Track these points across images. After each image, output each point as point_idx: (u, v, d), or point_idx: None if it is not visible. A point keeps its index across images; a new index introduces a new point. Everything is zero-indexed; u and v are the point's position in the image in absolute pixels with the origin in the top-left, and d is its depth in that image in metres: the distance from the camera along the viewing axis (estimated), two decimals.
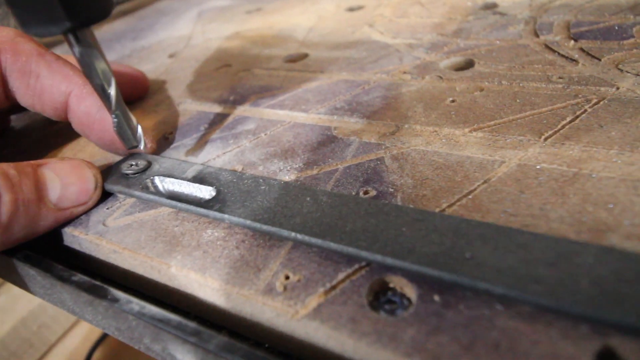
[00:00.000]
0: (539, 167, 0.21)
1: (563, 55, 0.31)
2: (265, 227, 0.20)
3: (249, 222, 0.20)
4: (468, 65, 0.32)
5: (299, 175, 0.24)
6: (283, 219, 0.20)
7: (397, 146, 0.25)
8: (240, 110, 0.32)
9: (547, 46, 0.32)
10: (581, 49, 0.31)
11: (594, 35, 0.33)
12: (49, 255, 0.24)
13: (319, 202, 0.20)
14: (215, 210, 0.21)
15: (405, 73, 0.33)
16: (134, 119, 0.23)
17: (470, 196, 0.20)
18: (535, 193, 0.20)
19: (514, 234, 0.17)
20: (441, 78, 0.31)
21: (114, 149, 0.26)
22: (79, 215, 0.24)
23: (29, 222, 0.21)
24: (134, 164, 0.26)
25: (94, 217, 0.24)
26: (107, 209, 0.24)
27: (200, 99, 0.35)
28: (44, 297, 0.24)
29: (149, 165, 0.26)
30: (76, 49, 0.19)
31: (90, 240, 0.23)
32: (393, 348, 0.15)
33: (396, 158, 0.24)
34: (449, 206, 0.20)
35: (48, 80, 0.26)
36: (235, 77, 0.38)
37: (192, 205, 0.22)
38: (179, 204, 0.22)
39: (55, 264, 0.22)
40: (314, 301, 0.17)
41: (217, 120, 0.31)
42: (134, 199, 0.24)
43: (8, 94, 0.27)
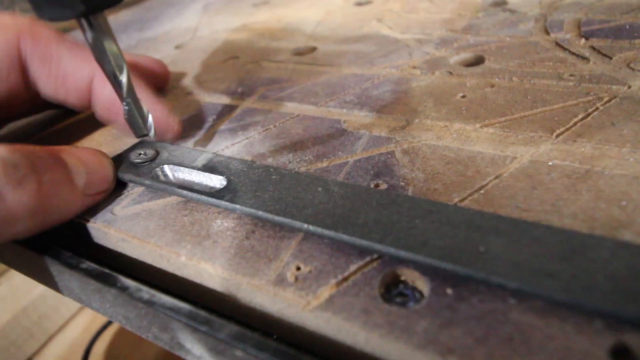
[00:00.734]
0: (551, 164, 0.21)
1: (574, 53, 0.31)
2: (277, 219, 0.20)
3: (261, 213, 0.20)
4: (478, 61, 0.32)
5: (308, 168, 0.24)
6: (295, 210, 0.20)
7: (408, 140, 0.25)
8: (249, 102, 0.32)
9: (558, 44, 0.32)
10: (592, 47, 0.31)
11: (605, 34, 0.32)
12: (57, 243, 0.24)
13: (331, 193, 0.20)
14: (227, 201, 0.21)
15: (414, 68, 0.32)
16: (145, 107, 0.23)
17: (482, 191, 0.20)
18: (547, 189, 0.20)
19: (528, 227, 0.17)
20: (451, 74, 0.31)
21: None
22: (97, 202, 0.23)
23: (60, 207, 0.21)
24: (142, 152, 0.25)
25: (102, 206, 0.24)
26: (116, 197, 0.24)
27: (208, 91, 0.35)
28: (51, 285, 0.24)
29: (158, 154, 0.26)
30: (89, 34, 0.19)
31: (99, 229, 0.23)
32: (406, 340, 0.15)
33: (407, 152, 0.24)
34: (461, 200, 0.20)
35: (70, 64, 0.26)
36: (243, 70, 0.38)
37: (203, 195, 0.22)
38: (190, 194, 0.22)
39: (63, 251, 0.22)
40: (325, 292, 0.17)
41: (226, 112, 0.31)
42: (142, 187, 0.24)
43: (28, 83, 0.27)
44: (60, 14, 0.18)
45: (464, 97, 0.28)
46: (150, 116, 0.24)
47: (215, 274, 0.19)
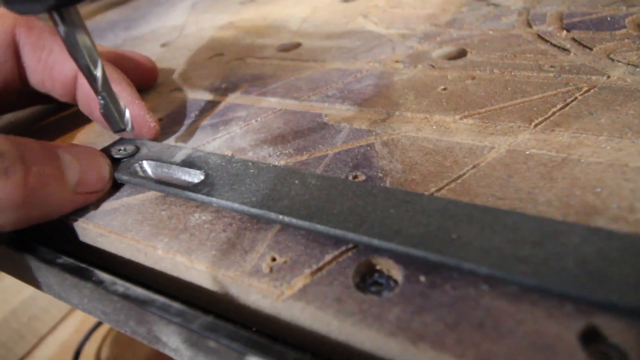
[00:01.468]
0: (528, 153, 0.21)
1: (555, 45, 0.31)
2: (252, 210, 0.19)
3: (237, 206, 0.20)
4: (460, 54, 0.32)
5: (288, 161, 0.24)
6: (271, 202, 0.19)
7: (388, 132, 0.25)
8: (232, 98, 0.32)
9: (540, 36, 0.32)
10: (573, 39, 0.31)
11: (587, 26, 0.33)
12: (36, 239, 0.24)
13: (308, 185, 0.20)
14: (203, 194, 0.21)
15: (397, 62, 0.32)
16: (122, 102, 0.23)
17: (459, 181, 0.20)
18: (523, 177, 0.20)
19: (501, 215, 0.17)
20: (433, 67, 0.31)
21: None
22: (90, 203, 0.23)
23: (47, 201, 0.20)
24: (122, 148, 0.25)
25: None
26: None
27: (191, 87, 0.35)
28: (33, 283, 0.24)
29: (138, 149, 0.25)
30: (61, 28, 0.19)
31: (77, 224, 0.22)
32: (377, 327, 0.15)
33: (386, 144, 0.24)
34: (438, 190, 0.20)
35: (60, 54, 0.26)
36: (228, 66, 0.38)
37: (180, 189, 0.22)
38: (167, 188, 0.22)
39: (40, 247, 0.22)
40: (299, 282, 0.17)
41: (208, 108, 0.31)
42: (122, 183, 0.24)
43: (21, 70, 0.27)
44: (30, 7, 0.18)
45: (444, 90, 0.28)
46: (127, 111, 0.23)
47: (191, 266, 0.19)
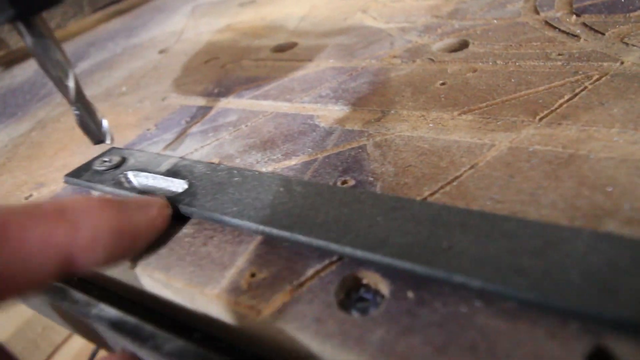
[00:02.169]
0: (531, 150, 0.19)
1: (564, 32, 0.29)
2: (233, 221, 0.18)
3: (217, 216, 0.19)
4: (462, 46, 0.31)
5: (275, 167, 0.23)
6: (252, 212, 0.18)
7: (381, 133, 0.23)
8: (224, 103, 0.31)
9: (548, 23, 0.30)
10: (584, 24, 0.29)
11: (598, 9, 0.30)
12: None
13: (292, 193, 0.19)
14: (184, 204, 0.20)
15: (395, 57, 0.31)
16: (99, 113, 0.22)
17: (455, 183, 0.19)
18: (526, 177, 0.18)
19: (498, 221, 0.15)
20: (433, 60, 0.29)
21: None
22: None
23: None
24: (107, 160, 0.24)
25: None
26: None
27: (185, 93, 0.34)
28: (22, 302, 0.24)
29: (124, 160, 0.25)
30: (28, 39, 0.18)
31: None
32: (359, 351, 0.13)
33: (379, 145, 0.22)
34: (432, 194, 0.18)
35: None
36: (222, 70, 0.37)
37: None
38: None
39: None
40: (278, 300, 0.15)
41: (199, 114, 0.30)
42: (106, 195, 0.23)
43: None
44: None
45: (443, 85, 0.26)
46: (105, 122, 0.23)
47: (169, 283, 0.18)
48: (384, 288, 0.15)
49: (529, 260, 0.14)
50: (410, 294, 0.14)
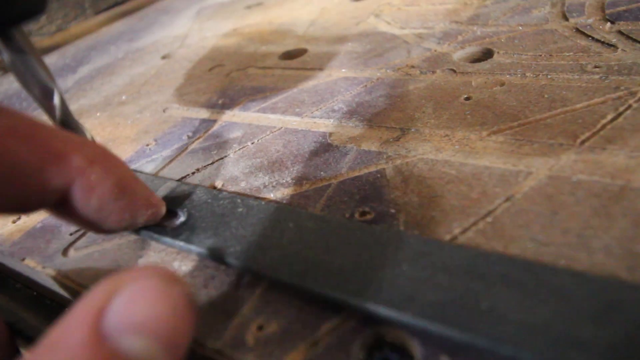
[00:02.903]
0: (575, 180, 0.17)
1: (598, 40, 0.26)
2: (237, 263, 0.16)
3: (219, 256, 0.17)
4: (486, 55, 0.28)
5: (285, 193, 0.20)
6: (258, 253, 0.16)
7: (402, 155, 0.21)
8: (229, 116, 0.29)
9: (579, 30, 0.28)
10: (620, 32, 0.27)
11: (635, 16, 0.28)
12: (13, 287, 0.21)
13: (303, 230, 0.17)
14: (183, 240, 0.18)
15: (413, 67, 0.29)
16: (88, 132, 0.20)
17: (489, 218, 0.16)
18: (571, 214, 0.16)
19: (546, 273, 0.13)
20: (454, 72, 0.27)
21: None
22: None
23: None
24: None
25: (55, 245, 0.21)
26: (70, 234, 0.21)
27: (187, 104, 0.32)
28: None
29: None
30: (5, 55, 0.16)
31: (48, 273, 0.20)
32: None
33: (400, 170, 0.20)
34: (463, 232, 0.16)
35: None
36: (227, 78, 0.35)
37: (158, 233, 0.19)
38: (144, 231, 0.19)
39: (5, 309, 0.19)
40: None
41: (202, 128, 0.28)
42: None
43: None
44: None
45: (468, 99, 0.24)
46: (95, 141, 0.20)
47: None
48: (412, 348, 0.13)
49: (589, 329, 0.11)
50: None
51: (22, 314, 0.21)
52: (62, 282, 0.19)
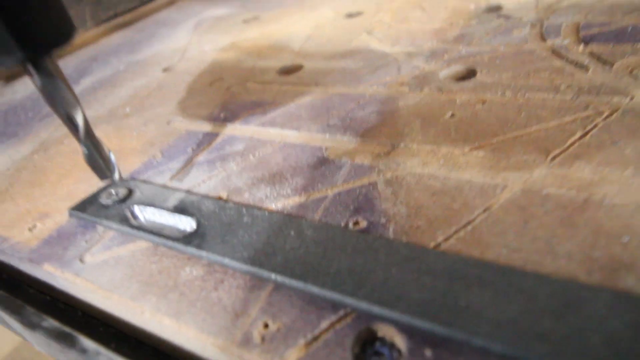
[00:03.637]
0: (545, 193, 0.19)
1: (572, 62, 0.29)
2: (244, 267, 0.18)
3: (227, 261, 0.18)
4: (470, 74, 0.30)
5: (285, 203, 0.22)
6: (264, 258, 0.18)
7: (392, 168, 0.23)
8: (230, 129, 0.31)
9: (555, 51, 0.30)
10: (591, 54, 0.29)
11: (606, 38, 0.30)
12: (26, 292, 0.23)
13: (303, 237, 0.19)
14: (194, 247, 0.20)
15: (403, 85, 0.31)
16: (107, 148, 0.22)
17: (469, 227, 0.18)
18: (541, 224, 0.18)
19: (515, 276, 0.15)
20: (441, 90, 0.29)
21: None
22: None
23: None
24: (114, 193, 0.24)
25: (71, 252, 0.23)
26: (86, 242, 0.23)
27: (190, 117, 0.34)
28: (24, 336, 0.23)
29: (130, 193, 0.24)
30: (37, 79, 0.18)
31: (66, 278, 0.21)
32: None
33: (390, 183, 0.22)
34: (446, 239, 0.18)
35: None
36: (228, 92, 0.36)
37: (171, 240, 0.20)
38: (157, 239, 0.21)
39: (27, 307, 0.21)
40: (293, 355, 0.15)
41: (206, 141, 0.30)
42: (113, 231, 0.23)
43: None
44: (0, 61, 0.17)
45: (453, 117, 0.26)
46: (113, 157, 0.22)
47: (179, 331, 0.17)
48: (400, 342, 0.15)
49: (550, 323, 0.13)
50: (428, 353, 0.14)
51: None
52: (82, 286, 0.21)
